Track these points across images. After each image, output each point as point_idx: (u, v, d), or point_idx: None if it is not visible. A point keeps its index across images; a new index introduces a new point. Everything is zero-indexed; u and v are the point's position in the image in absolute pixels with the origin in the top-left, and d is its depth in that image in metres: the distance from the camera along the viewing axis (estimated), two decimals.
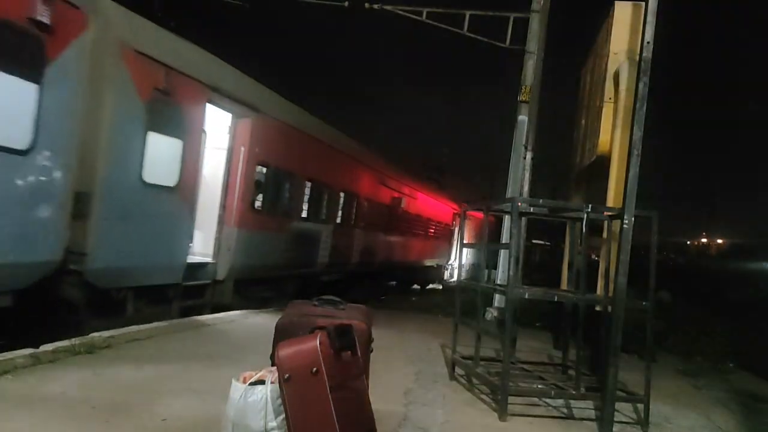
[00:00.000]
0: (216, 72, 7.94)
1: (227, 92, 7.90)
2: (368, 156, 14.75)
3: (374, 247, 15.19)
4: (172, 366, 4.74)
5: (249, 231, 8.78)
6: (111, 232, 6.13)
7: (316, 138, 11.23)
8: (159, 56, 6.64)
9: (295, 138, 10.27)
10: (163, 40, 7.05)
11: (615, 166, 5.33)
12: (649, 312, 4.72)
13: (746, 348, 9.48)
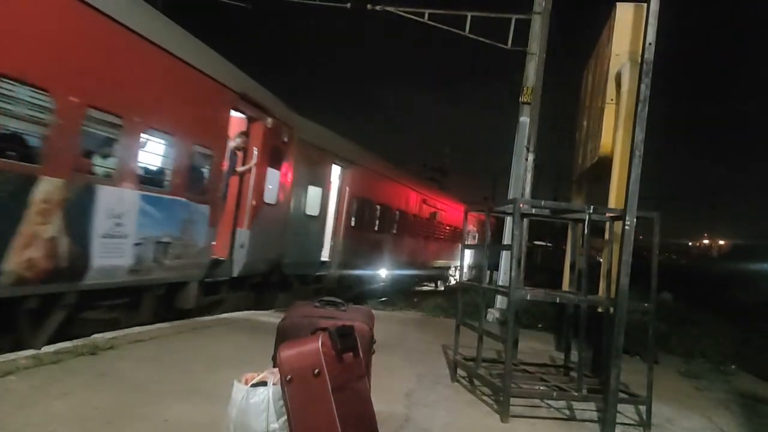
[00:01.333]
0: (338, 144, 13.29)
1: (343, 156, 13.24)
2: (413, 180, 20.49)
3: (415, 250, 19.98)
4: (175, 367, 4.75)
5: (348, 240, 13.81)
6: (293, 243, 10.99)
7: (382, 173, 16.46)
8: (314, 141, 11.62)
9: (371, 176, 15.34)
10: (316, 131, 12.11)
11: (617, 168, 5.33)
12: (651, 313, 4.72)
13: (748, 349, 9.47)
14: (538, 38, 11.00)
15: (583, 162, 7.01)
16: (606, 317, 4.87)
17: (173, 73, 7.12)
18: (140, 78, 6.57)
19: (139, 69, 6.54)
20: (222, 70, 8.24)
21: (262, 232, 9.54)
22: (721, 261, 55.98)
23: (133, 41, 6.33)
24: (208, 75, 7.72)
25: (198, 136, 7.69)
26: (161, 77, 6.94)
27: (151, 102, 6.76)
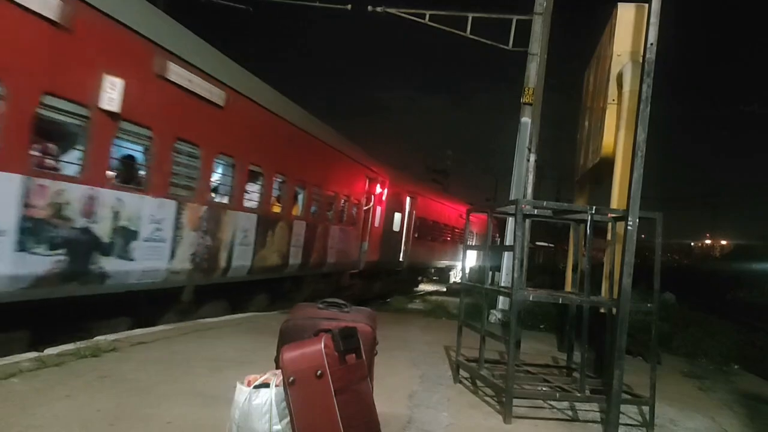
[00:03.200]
0: (410, 183, 19.65)
1: (412, 190, 19.12)
2: (446, 197, 26.48)
3: (444, 250, 25.11)
4: (177, 369, 4.75)
5: (413, 245, 19.41)
6: (386, 249, 16.75)
7: (430, 197, 22.36)
8: (397, 183, 17.33)
9: (424, 200, 20.76)
10: (399, 176, 18.12)
11: (619, 168, 5.33)
12: (653, 314, 4.71)
13: (751, 350, 9.45)
14: (539, 39, 11.00)
15: (585, 162, 7.01)
16: (608, 318, 4.87)
17: (347, 163, 13.69)
18: (329, 168, 12.57)
19: (329, 163, 12.59)
20: (360, 156, 14.62)
21: (372, 243, 15.56)
22: (724, 261, 55.89)
23: (326, 149, 12.18)
24: (358, 162, 14.35)
25: (354, 194, 14.05)
26: (344, 167, 13.55)
27: (339, 180, 13.07)
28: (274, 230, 9.89)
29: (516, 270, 4.62)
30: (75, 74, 5.59)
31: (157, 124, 6.67)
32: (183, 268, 7.43)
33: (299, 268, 11.07)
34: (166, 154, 6.89)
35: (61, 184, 5.44)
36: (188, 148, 7.28)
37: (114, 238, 6.18)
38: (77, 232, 5.69)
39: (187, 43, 7.36)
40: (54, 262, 5.42)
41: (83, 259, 5.82)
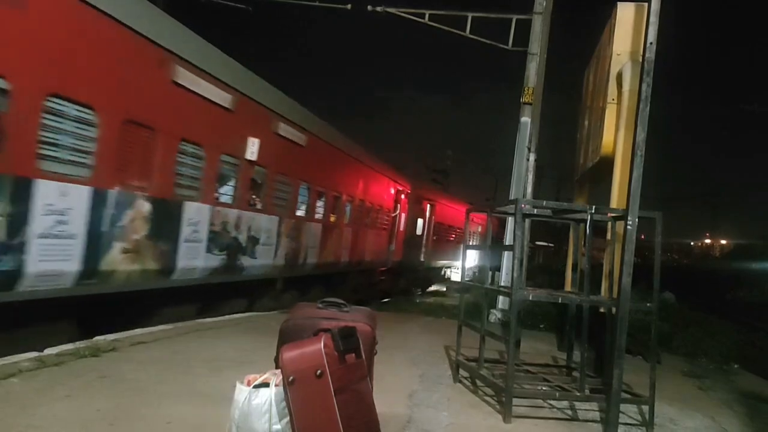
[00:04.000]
0: (429, 190, 23.15)
1: (431, 197, 21.44)
2: (458, 201, 27.24)
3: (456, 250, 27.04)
4: (177, 369, 4.75)
5: (431, 247, 21.77)
6: (409, 250, 19.11)
7: (446, 203, 24.03)
8: (419, 192, 19.77)
9: (441, 206, 22.77)
10: (420, 185, 21.14)
11: (618, 167, 5.33)
12: (653, 313, 4.71)
13: (751, 349, 9.46)
14: (538, 38, 11.00)
15: (585, 162, 7.01)
16: (608, 317, 4.87)
17: (380, 179, 16.15)
18: (368, 184, 14.88)
19: (368, 180, 14.93)
20: (389, 171, 17.10)
21: (397, 245, 18.07)
22: (724, 261, 55.89)
23: (365, 168, 14.84)
24: (388, 176, 16.81)
25: (385, 204, 16.65)
26: (378, 183, 15.93)
27: (375, 193, 15.56)
28: (332, 236, 12.64)
29: (516, 269, 4.62)
30: (237, 138, 8.60)
31: (272, 165, 9.64)
32: (279, 264, 10.30)
33: (346, 266, 13.93)
34: (274, 185, 9.93)
35: (226, 209, 8.43)
36: (285, 179, 10.30)
37: (248, 243, 9.10)
38: (232, 239, 8.62)
39: (291, 106, 10.51)
40: (222, 259, 8.37)
41: (235, 258, 8.76)
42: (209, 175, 7.83)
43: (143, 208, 6.58)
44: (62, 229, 5.48)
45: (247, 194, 9.06)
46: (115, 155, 6.11)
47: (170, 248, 7.17)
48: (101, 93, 5.83)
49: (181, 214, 7.32)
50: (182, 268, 7.41)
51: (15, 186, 4.98)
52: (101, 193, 5.93)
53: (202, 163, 7.69)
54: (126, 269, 6.40)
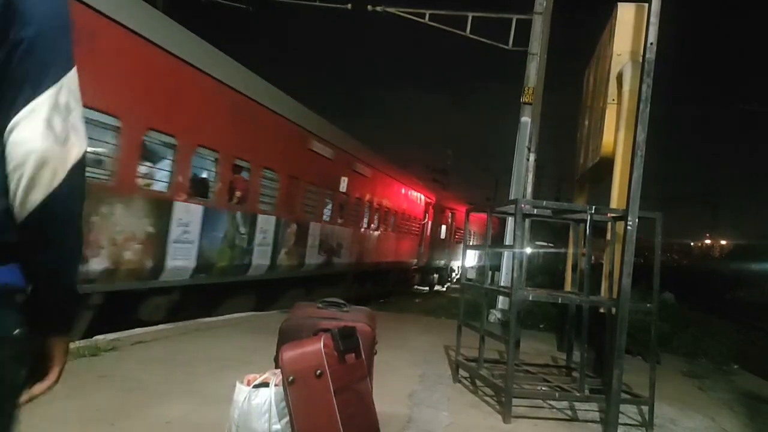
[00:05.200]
0: (451, 199, 25.43)
1: (451, 206, 24.34)
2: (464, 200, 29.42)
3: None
4: (177, 368, 4.75)
5: (452, 249, 24.71)
6: (435, 252, 22.77)
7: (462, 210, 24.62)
8: (442, 202, 23.26)
9: (461, 213, 23.59)
10: (445, 195, 25.16)
11: (618, 168, 5.32)
12: (653, 313, 4.71)
13: (751, 349, 9.46)
14: (539, 38, 11.00)
15: (585, 162, 7.01)
16: (608, 317, 4.87)
17: (414, 193, 19.26)
18: (406, 198, 18.51)
19: (406, 195, 18.52)
20: (419, 185, 20.50)
21: (425, 247, 21.15)
22: (723, 261, 55.89)
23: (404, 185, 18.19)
24: (419, 190, 19.91)
25: (417, 213, 19.71)
26: (413, 197, 19.24)
27: (410, 206, 18.96)
28: (382, 242, 16.56)
29: (515, 269, 4.62)
30: (335, 178, 12.61)
31: (352, 194, 13.72)
32: (351, 262, 14.11)
33: (390, 264, 17.77)
34: (352, 207, 13.97)
35: (326, 225, 12.40)
36: (357, 203, 14.32)
37: (335, 247, 12.98)
38: (329, 245, 12.57)
39: (363, 149, 14.70)
40: (324, 258, 12.20)
41: (329, 257, 12.64)
42: (321, 204, 12.04)
43: (293, 228, 10.81)
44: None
45: (338, 215, 13.02)
46: (285, 195, 10.43)
47: (302, 252, 11.31)
48: (282, 161, 10.20)
49: (308, 230, 11.47)
50: (309, 264, 11.68)
51: (179, 207, 7.43)
52: (287, 221, 10.60)
53: (318, 196, 11.86)
54: (286, 264, 10.63)
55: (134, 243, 6.68)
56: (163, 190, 7.24)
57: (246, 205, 9.14)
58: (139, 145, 6.76)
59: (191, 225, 7.63)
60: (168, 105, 7.14)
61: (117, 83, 6.24)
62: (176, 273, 7.50)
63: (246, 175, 9.11)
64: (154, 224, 6.99)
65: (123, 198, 6.51)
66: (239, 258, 8.95)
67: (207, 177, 8.28)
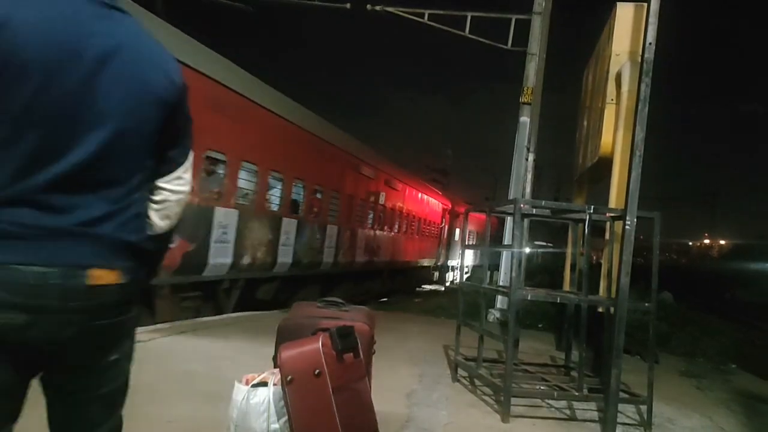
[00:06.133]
0: (462, 203, 25.64)
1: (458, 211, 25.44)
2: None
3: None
4: (176, 367, 4.75)
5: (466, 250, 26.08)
6: (448, 253, 25.57)
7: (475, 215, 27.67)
8: (456, 206, 25.47)
9: (472, 217, 22.34)
10: (457, 199, 26.83)
11: (617, 167, 5.33)
12: (651, 313, 4.72)
13: (749, 349, 9.47)
14: (538, 38, 10.99)
15: (584, 162, 7.01)
16: (606, 317, 4.87)
17: (435, 202, 22.83)
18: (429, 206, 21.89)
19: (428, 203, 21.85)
20: (438, 194, 23.73)
21: (443, 248, 24.34)
22: (722, 261, 55.93)
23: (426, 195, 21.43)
24: (438, 197, 23.40)
25: (436, 219, 22.93)
26: (434, 205, 22.89)
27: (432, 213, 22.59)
28: (410, 243, 19.50)
29: (514, 269, 4.63)
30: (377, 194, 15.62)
31: (388, 205, 16.61)
32: (385, 260, 17.13)
33: (415, 263, 20.91)
34: (388, 216, 16.92)
35: (367, 230, 15.28)
36: (392, 213, 17.34)
37: (375, 248, 15.83)
38: (372, 247, 15.56)
39: (399, 168, 18.29)
40: (367, 257, 15.48)
41: (372, 256, 15.64)
42: (365, 214, 15.06)
43: (348, 235, 13.67)
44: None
45: (377, 223, 15.94)
46: (343, 209, 13.34)
47: (353, 252, 14.13)
48: (341, 184, 13.23)
49: (357, 235, 14.43)
50: (358, 262, 14.67)
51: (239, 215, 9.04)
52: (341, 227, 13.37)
53: (363, 209, 14.81)
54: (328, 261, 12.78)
55: (263, 247, 9.66)
56: (276, 209, 10.31)
57: (319, 218, 12.12)
58: (267, 181, 9.85)
59: (290, 233, 10.66)
60: (279, 151, 10.21)
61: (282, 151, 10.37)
62: (281, 267, 10.53)
63: (319, 196, 12.13)
64: (273, 233, 10.00)
65: (259, 216, 9.63)
66: (316, 257, 11.95)
67: (297, 199, 11.21)
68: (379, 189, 15.66)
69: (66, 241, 1.40)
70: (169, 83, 1.58)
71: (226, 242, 8.54)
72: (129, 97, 1.48)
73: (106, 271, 1.47)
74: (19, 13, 1.33)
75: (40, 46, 1.35)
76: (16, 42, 1.32)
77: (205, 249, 8.10)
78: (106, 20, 1.47)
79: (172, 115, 1.59)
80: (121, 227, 1.50)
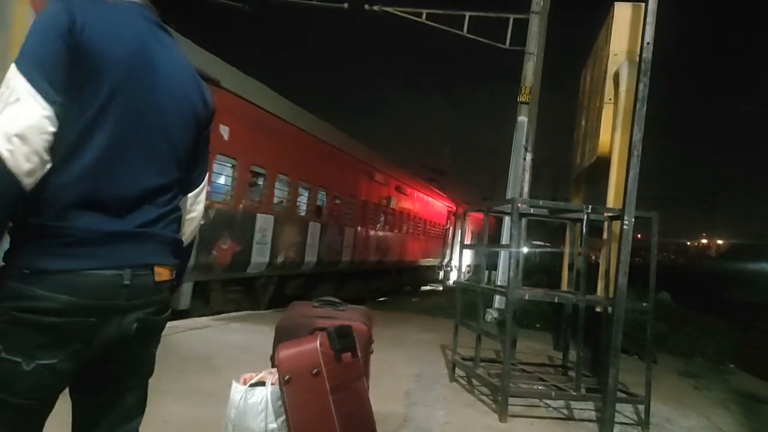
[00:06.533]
0: (466, 205, 21.91)
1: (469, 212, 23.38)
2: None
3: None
4: (173, 367, 4.74)
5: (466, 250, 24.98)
6: (452, 253, 25.86)
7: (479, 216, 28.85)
8: (460, 208, 24.67)
9: (475, 218, 23.80)
10: (462, 202, 25.52)
11: (615, 167, 5.33)
12: (649, 313, 4.72)
13: (747, 349, 9.48)
14: (536, 38, 10.99)
15: (582, 161, 7.01)
16: (604, 317, 4.88)
17: (442, 205, 24.35)
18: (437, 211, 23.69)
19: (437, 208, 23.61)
20: (445, 198, 24.87)
21: (446, 248, 25.12)
22: (720, 261, 56.01)
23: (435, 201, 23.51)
24: (445, 201, 24.63)
25: (442, 221, 24.34)
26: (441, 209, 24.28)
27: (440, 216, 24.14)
28: (422, 244, 21.36)
29: (512, 269, 4.63)
30: (389, 199, 16.98)
31: (396, 207, 17.73)
32: (395, 260, 18.39)
33: (422, 262, 22.18)
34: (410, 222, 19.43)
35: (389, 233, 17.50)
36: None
37: (395, 249, 18.03)
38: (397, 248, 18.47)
39: (424, 184, 22.21)
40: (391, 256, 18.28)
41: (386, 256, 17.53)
42: (378, 217, 16.34)
43: (362, 236, 14.92)
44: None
45: (388, 225, 17.29)
46: (359, 213, 14.59)
47: (367, 252, 15.47)
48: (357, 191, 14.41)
49: (370, 237, 15.64)
50: (370, 261, 15.99)
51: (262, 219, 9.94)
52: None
53: (376, 213, 16.17)
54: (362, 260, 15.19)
55: (293, 247, 10.92)
56: (303, 215, 11.56)
57: (339, 221, 13.38)
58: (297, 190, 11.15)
59: (315, 236, 11.89)
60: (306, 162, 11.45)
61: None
62: (308, 265, 11.73)
63: (339, 201, 13.37)
64: (301, 235, 11.29)
65: (291, 221, 10.90)
66: (335, 256, 13.27)
67: (321, 205, 12.43)
68: (390, 194, 17.10)
69: (132, 243, 1.51)
70: (205, 105, 1.72)
71: (264, 244, 9.82)
72: (181, 113, 1.62)
73: (165, 268, 1.62)
74: (95, 19, 1.43)
75: (115, 49, 1.45)
76: (94, 41, 1.41)
77: (248, 250, 9.33)
78: (160, 39, 1.61)
79: (203, 135, 1.73)
80: (169, 226, 1.63)
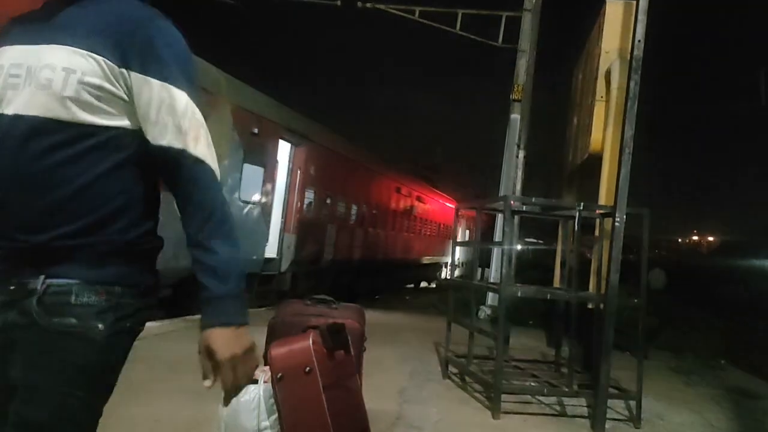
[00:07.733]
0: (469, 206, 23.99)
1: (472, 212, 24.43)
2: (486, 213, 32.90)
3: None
4: (165, 366, 4.73)
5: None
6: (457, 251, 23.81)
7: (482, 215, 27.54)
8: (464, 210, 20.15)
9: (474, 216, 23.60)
10: (464, 201, 22.56)
11: (607, 165, 5.34)
12: (641, 309, 4.74)
13: (738, 344, 9.54)
14: (528, 35, 11.01)
15: (574, 159, 7.02)
16: (596, 313, 4.89)
17: (448, 205, 25.76)
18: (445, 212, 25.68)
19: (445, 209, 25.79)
20: (450, 199, 26.35)
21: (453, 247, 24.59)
22: (711, 257, 56.31)
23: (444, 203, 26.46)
24: (449, 201, 26.13)
25: (448, 221, 25.33)
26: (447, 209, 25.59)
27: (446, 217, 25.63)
28: (433, 244, 24.53)
29: (504, 266, 4.64)
30: (411, 207, 20.93)
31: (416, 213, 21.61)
32: (411, 258, 21.85)
33: (433, 259, 25.24)
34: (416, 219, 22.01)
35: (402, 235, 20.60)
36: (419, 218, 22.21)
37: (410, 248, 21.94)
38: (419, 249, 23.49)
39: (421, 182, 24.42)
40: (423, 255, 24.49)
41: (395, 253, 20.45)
42: (402, 223, 19.47)
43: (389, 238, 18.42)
44: None
45: (409, 228, 20.75)
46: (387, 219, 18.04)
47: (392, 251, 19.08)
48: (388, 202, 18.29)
49: (397, 239, 18.92)
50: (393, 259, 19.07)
51: None
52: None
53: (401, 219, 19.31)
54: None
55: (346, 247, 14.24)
56: (352, 222, 14.82)
57: (375, 227, 16.52)
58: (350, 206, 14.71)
59: (360, 239, 15.35)
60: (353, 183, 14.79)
61: None
62: (356, 261, 15.04)
63: (375, 212, 16.48)
64: (350, 239, 14.58)
65: (343, 228, 14.17)
66: (369, 254, 16.14)
67: (363, 215, 15.24)
68: (412, 203, 20.58)
69: None
70: None
71: (330, 245, 13.15)
72: None
73: None
74: None
75: None
76: None
77: (321, 249, 12.65)
78: None
79: None
80: None
